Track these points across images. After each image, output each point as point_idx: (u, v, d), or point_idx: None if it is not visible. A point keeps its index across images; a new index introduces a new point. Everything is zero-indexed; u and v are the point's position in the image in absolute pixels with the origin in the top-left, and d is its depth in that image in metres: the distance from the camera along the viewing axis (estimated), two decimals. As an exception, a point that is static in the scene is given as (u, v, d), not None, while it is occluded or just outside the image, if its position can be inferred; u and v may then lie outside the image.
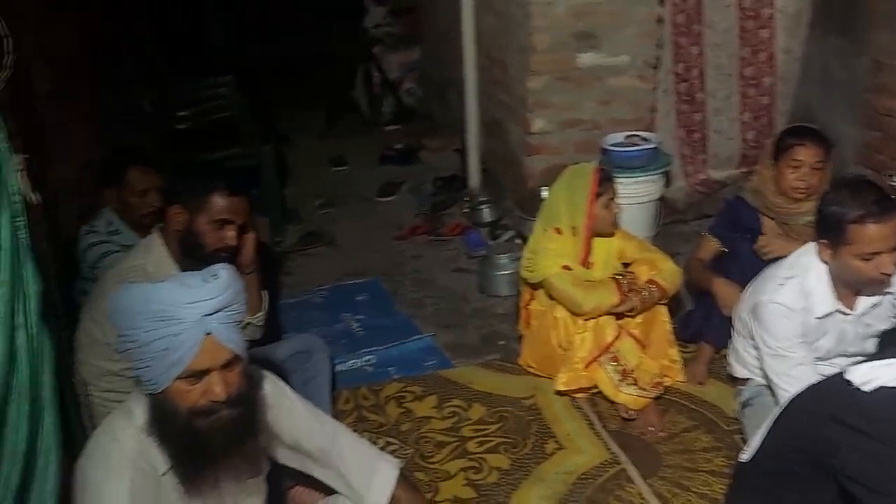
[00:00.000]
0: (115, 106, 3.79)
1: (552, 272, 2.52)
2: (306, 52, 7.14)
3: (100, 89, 3.57)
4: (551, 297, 2.59)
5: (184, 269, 2.03)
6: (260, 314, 2.20)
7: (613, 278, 2.55)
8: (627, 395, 2.47)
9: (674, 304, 2.75)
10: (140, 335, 1.34)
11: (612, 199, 2.58)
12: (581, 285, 2.49)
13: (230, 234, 2.05)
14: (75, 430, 1.98)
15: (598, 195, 2.53)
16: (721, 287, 2.57)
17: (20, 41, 1.65)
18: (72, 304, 2.52)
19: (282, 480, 1.91)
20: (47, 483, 1.69)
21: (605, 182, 2.56)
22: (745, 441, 2.21)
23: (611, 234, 2.65)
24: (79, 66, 3.29)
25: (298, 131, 5.63)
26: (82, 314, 2.14)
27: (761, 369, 2.25)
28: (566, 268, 2.53)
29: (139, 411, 1.45)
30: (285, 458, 1.71)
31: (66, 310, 1.97)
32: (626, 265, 2.67)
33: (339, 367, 2.77)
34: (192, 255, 2.05)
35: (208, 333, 1.36)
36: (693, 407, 2.56)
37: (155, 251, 2.07)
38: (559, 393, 2.58)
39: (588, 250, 2.61)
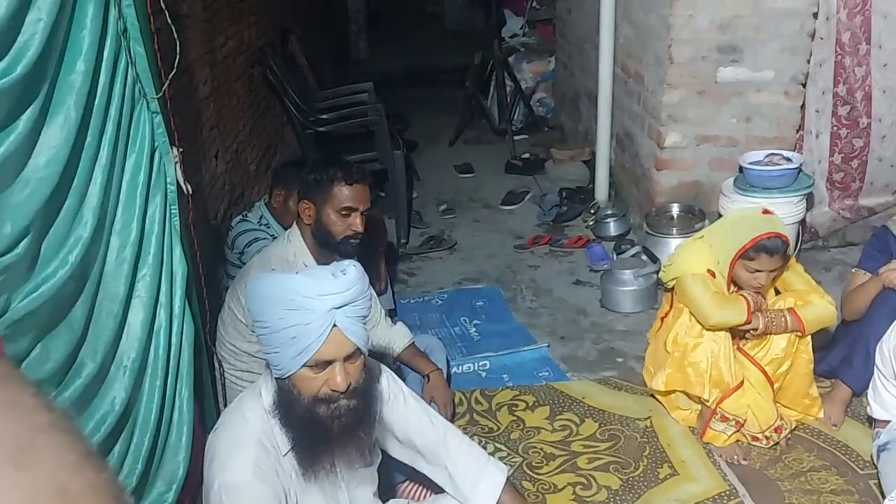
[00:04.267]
0: (266, 108, 4.04)
1: (692, 270, 2.40)
2: (440, 63, 7.31)
3: (253, 92, 3.82)
4: (673, 303, 2.50)
5: (318, 260, 2.17)
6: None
7: (743, 296, 2.43)
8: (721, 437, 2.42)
9: (817, 338, 2.55)
10: (272, 321, 1.43)
11: (762, 272, 2.33)
12: (715, 296, 2.37)
13: (356, 220, 2.17)
14: (210, 406, 2.13)
15: (746, 258, 2.34)
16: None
17: (187, 46, 1.80)
18: (216, 288, 2.73)
19: (393, 474, 1.96)
20: (179, 453, 1.84)
21: (759, 251, 2.30)
22: (879, 487, 2.05)
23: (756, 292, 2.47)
24: (235, 70, 3.54)
25: (430, 138, 5.76)
26: (228, 295, 2.32)
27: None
28: (710, 272, 2.40)
29: (266, 393, 1.54)
30: (396, 451, 1.76)
31: (209, 293, 2.13)
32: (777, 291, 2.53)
33: (454, 370, 2.82)
34: (326, 246, 2.20)
35: (334, 326, 1.42)
36: (823, 446, 2.40)
37: (295, 243, 2.22)
38: (652, 395, 2.55)
39: (730, 284, 2.48)
